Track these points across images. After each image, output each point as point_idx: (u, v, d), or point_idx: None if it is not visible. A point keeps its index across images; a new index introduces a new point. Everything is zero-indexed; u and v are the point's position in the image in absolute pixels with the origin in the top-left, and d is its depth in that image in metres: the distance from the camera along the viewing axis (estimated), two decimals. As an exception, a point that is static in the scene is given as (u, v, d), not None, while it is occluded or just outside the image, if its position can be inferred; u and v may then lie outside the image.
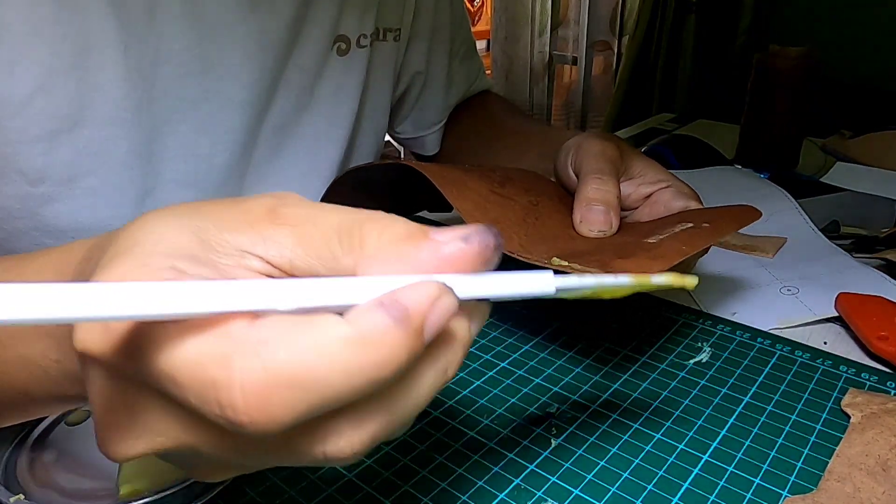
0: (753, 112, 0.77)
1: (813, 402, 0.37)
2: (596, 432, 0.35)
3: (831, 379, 0.39)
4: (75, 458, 0.32)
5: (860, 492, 0.30)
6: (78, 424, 0.34)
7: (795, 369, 0.40)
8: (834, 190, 0.68)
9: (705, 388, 0.39)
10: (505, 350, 0.42)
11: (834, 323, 0.45)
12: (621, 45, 2.14)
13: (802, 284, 0.50)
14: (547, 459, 0.33)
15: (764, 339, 0.43)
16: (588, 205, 0.40)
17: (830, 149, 0.83)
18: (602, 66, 2.27)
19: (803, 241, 0.57)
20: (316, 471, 0.32)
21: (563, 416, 0.36)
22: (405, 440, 0.35)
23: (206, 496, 0.31)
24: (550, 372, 0.40)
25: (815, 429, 0.35)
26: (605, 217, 0.40)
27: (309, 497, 0.31)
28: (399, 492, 0.31)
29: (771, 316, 0.46)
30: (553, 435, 0.35)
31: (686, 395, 0.38)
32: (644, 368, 0.40)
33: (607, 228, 0.40)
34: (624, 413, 0.37)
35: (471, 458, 0.33)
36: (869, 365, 0.41)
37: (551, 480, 0.32)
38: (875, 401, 0.36)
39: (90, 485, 0.31)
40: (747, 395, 0.38)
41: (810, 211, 0.61)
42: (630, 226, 0.43)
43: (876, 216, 0.62)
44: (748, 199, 0.65)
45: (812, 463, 0.33)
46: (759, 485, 0.32)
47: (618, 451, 0.34)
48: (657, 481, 0.32)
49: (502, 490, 0.31)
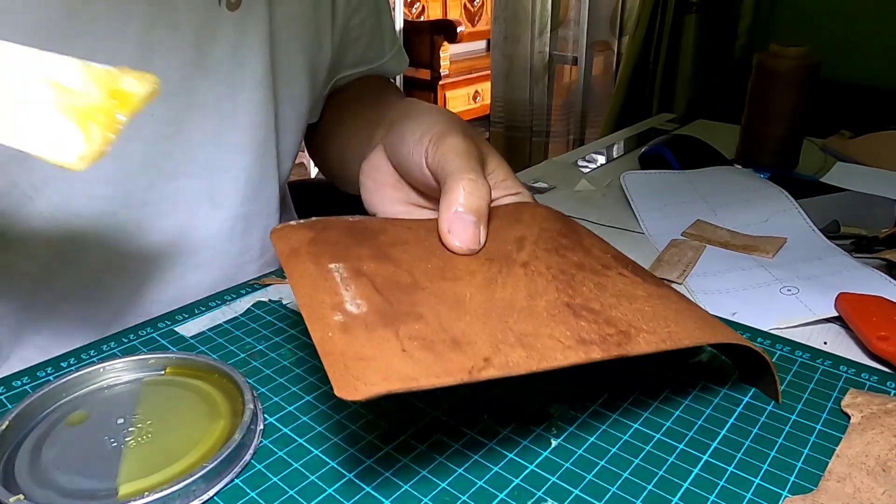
0: (753, 112, 0.77)
1: (813, 402, 0.37)
2: (596, 432, 0.35)
3: (831, 379, 0.39)
4: (75, 458, 0.32)
5: (860, 492, 0.30)
6: (78, 424, 0.34)
7: (795, 369, 0.40)
8: (834, 190, 0.68)
9: (705, 387, 0.39)
10: (505, 350, 0.42)
11: (834, 323, 0.45)
12: (621, 45, 2.14)
13: (802, 284, 0.50)
14: (547, 459, 0.33)
15: (764, 339, 0.43)
16: (457, 211, 0.35)
17: (830, 149, 0.83)
18: (602, 66, 2.27)
19: (803, 241, 0.57)
20: (316, 470, 0.33)
21: (563, 416, 0.36)
22: (405, 440, 0.35)
23: (206, 496, 0.31)
24: (550, 372, 0.40)
25: (815, 429, 0.35)
26: (473, 231, 0.35)
27: (309, 497, 0.31)
28: (399, 492, 0.31)
29: (771, 316, 0.46)
30: (553, 435, 0.35)
31: (686, 395, 0.38)
32: (644, 368, 0.40)
33: (475, 247, 0.36)
34: (624, 413, 0.37)
35: (471, 458, 0.33)
36: (869, 365, 0.41)
37: (551, 480, 0.32)
38: (875, 401, 0.36)
39: (90, 485, 0.31)
40: (747, 394, 0.38)
41: (810, 211, 0.61)
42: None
43: (876, 216, 0.62)
44: (748, 199, 0.65)
45: (812, 463, 0.33)
46: (759, 485, 0.32)
47: (618, 451, 0.34)
48: (657, 481, 0.32)
49: (502, 490, 0.31)
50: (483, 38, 3.21)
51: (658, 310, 0.34)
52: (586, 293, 0.34)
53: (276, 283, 0.50)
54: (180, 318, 0.45)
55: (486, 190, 0.36)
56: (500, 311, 0.32)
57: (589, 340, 0.31)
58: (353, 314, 0.30)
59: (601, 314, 0.33)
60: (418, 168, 0.39)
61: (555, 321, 0.32)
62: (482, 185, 0.36)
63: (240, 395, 0.35)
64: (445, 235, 0.36)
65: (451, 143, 0.37)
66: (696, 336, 0.34)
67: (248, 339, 0.43)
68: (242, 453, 0.33)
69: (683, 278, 0.52)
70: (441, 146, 0.37)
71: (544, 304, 0.33)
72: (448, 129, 0.38)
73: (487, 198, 0.36)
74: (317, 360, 0.41)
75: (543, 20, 2.27)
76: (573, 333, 0.31)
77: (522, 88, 2.35)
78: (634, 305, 0.34)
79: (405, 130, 0.40)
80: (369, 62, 0.66)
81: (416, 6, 3.06)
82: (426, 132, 0.38)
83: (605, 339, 0.31)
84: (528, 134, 2.39)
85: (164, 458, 0.32)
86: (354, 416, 0.36)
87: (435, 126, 0.39)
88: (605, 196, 0.72)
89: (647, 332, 0.33)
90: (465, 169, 0.36)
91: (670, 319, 0.34)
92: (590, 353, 0.31)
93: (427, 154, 0.38)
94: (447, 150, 0.37)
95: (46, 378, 0.39)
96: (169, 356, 0.39)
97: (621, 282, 0.36)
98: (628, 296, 0.35)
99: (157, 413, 0.35)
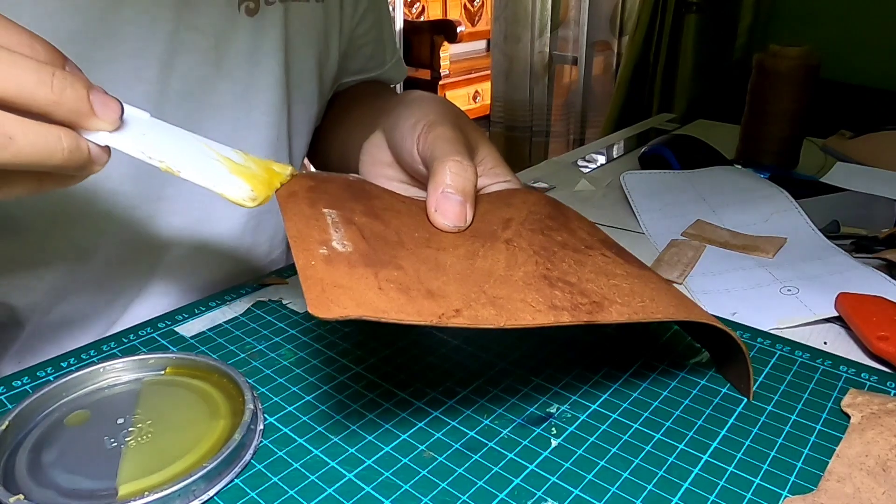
0: (753, 112, 0.77)
1: (813, 402, 0.37)
2: (596, 432, 0.35)
3: (831, 379, 0.39)
4: (75, 458, 0.32)
5: (860, 492, 0.30)
6: (78, 425, 0.34)
7: (795, 369, 0.40)
8: (834, 190, 0.68)
9: (705, 388, 0.39)
10: (505, 350, 0.42)
11: (834, 323, 0.45)
12: (621, 45, 2.14)
13: (802, 284, 0.50)
14: (547, 459, 0.33)
15: (764, 339, 0.43)
16: (444, 192, 0.37)
17: (830, 149, 0.83)
18: (602, 66, 2.27)
19: (803, 241, 0.57)
20: (316, 470, 0.33)
21: (563, 416, 0.36)
22: (405, 440, 0.35)
23: (206, 496, 0.31)
24: (550, 372, 0.40)
25: (815, 429, 0.35)
26: (460, 209, 0.37)
27: (309, 497, 0.31)
28: (399, 492, 0.31)
29: (771, 316, 0.46)
30: (553, 435, 0.35)
31: (686, 395, 0.38)
32: (644, 368, 0.40)
33: (462, 224, 0.37)
34: (624, 413, 0.37)
35: (471, 458, 0.33)
36: (869, 365, 0.41)
37: (551, 480, 0.32)
38: (875, 401, 0.36)
39: (90, 485, 0.31)
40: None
41: (810, 211, 0.61)
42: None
43: (876, 216, 0.62)
44: (748, 199, 0.65)
45: (812, 463, 0.33)
46: (759, 485, 0.32)
47: (618, 451, 0.34)
48: (657, 481, 0.32)
49: (502, 490, 0.31)
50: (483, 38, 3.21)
51: (635, 287, 0.35)
52: (565, 268, 0.35)
53: (276, 283, 0.50)
54: (180, 318, 0.45)
55: (472, 171, 0.38)
56: (477, 277, 0.33)
57: (560, 307, 0.32)
58: (337, 251, 0.32)
59: (576, 286, 0.34)
60: (409, 154, 0.40)
61: (529, 289, 0.33)
62: (468, 166, 0.37)
63: (240, 395, 0.35)
64: (433, 214, 0.37)
65: (440, 132, 0.39)
66: (669, 312, 0.34)
67: (248, 339, 0.43)
68: (242, 453, 0.33)
69: (683, 278, 0.52)
70: (430, 134, 0.39)
71: (521, 275, 0.34)
72: (440, 118, 0.40)
73: (473, 179, 0.38)
74: (317, 360, 0.41)
75: (543, 20, 2.27)
76: (545, 300, 0.32)
77: (522, 88, 2.35)
78: (611, 281, 0.35)
79: (401, 116, 0.42)
80: (371, 70, 0.69)
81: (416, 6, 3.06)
82: (419, 120, 0.40)
83: (577, 306, 0.32)
84: (528, 134, 2.39)
85: (164, 458, 0.32)
86: (354, 416, 0.36)
87: (428, 115, 0.40)
88: (605, 196, 0.72)
89: (620, 304, 0.33)
90: (452, 152, 0.37)
91: (646, 296, 0.35)
92: (559, 317, 0.32)
93: (418, 142, 0.39)
94: (435, 138, 0.39)
95: (46, 378, 0.39)
96: (169, 356, 0.39)
97: (602, 261, 0.37)
98: (607, 273, 0.36)
99: (157, 413, 0.35)
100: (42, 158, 0.28)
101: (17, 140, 0.27)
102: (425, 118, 0.40)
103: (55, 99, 0.28)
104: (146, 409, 0.35)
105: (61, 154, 0.28)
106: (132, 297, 0.53)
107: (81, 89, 0.29)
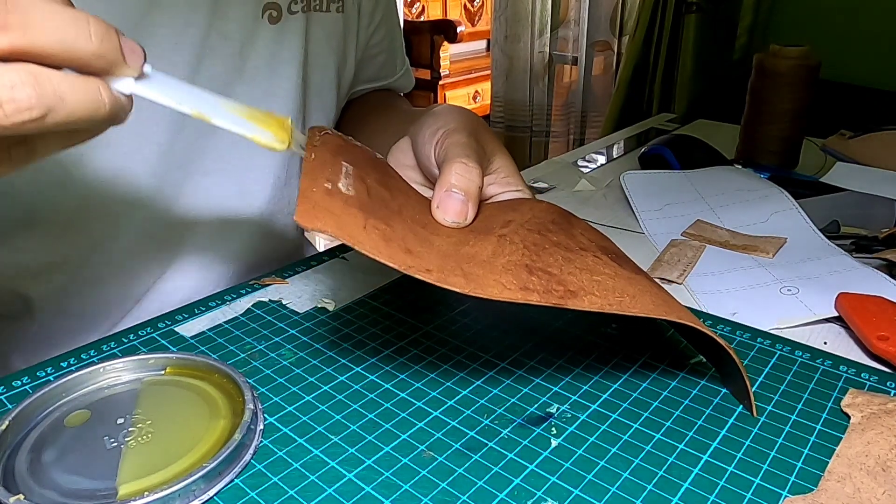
0: (753, 112, 0.77)
1: (813, 402, 0.37)
2: (596, 432, 0.35)
3: (831, 379, 0.39)
4: (75, 458, 0.32)
5: (860, 492, 0.30)
6: (78, 425, 0.34)
7: (795, 369, 0.40)
8: (834, 190, 0.68)
9: (705, 388, 0.39)
10: (505, 350, 0.42)
11: (834, 323, 0.45)
12: (621, 45, 2.14)
13: (802, 284, 0.50)
14: (547, 459, 0.33)
15: (764, 339, 0.43)
16: (448, 190, 0.39)
17: (830, 149, 0.83)
18: (602, 66, 2.26)
19: (803, 241, 0.57)
20: (316, 470, 0.33)
21: (563, 416, 0.36)
22: (405, 440, 0.35)
23: (206, 496, 0.31)
24: (550, 372, 0.40)
25: (815, 429, 0.35)
26: (461, 207, 0.38)
27: (309, 497, 0.31)
28: (399, 492, 0.31)
29: (771, 316, 0.46)
30: (553, 435, 0.35)
31: (686, 395, 0.38)
32: (644, 368, 0.40)
33: (461, 220, 0.39)
34: (624, 413, 0.37)
35: (471, 458, 0.33)
36: (869, 365, 0.41)
37: (551, 480, 0.32)
38: (875, 401, 0.36)
39: (90, 485, 0.31)
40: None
41: (810, 211, 0.61)
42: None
43: (876, 216, 0.62)
44: (748, 199, 0.65)
45: (812, 463, 0.33)
46: (759, 485, 0.32)
47: (618, 451, 0.34)
48: (657, 481, 0.32)
49: (502, 490, 0.31)
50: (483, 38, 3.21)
51: (618, 285, 0.35)
52: (550, 262, 0.36)
53: (276, 283, 0.50)
54: (180, 318, 0.45)
55: (477, 173, 0.39)
56: (459, 258, 0.35)
57: (532, 289, 0.33)
58: (340, 191, 0.34)
59: (556, 276, 0.34)
60: (427, 158, 0.42)
61: (506, 273, 0.34)
62: (473, 168, 0.39)
63: (240, 395, 0.35)
64: (435, 210, 0.39)
65: (456, 138, 0.41)
66: (647, 309, 0.34)
67: (248, 339, 0.43)
68: (242, 453, 0.33)
69: (683, 278, 0.52)
70: (447, 140, 0.41)
71: (503, 262, 0.35)
72: (459, 126, 0.42)
73: (477, 181, 0.39)
74: (317, 360, 0.41)
75: (543, 20, 2.27)
76: (519, 283, 0.33)
77: (522, 88, 2.35)
78: (594, 278, 0.35)
79: (424, 124, 0.44)
80: (383, 79, 0.71)
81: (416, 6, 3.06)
82: (440, 128, 0.42)
83: (549, 291, 0.33)
84: (528, 134, 2.39)
85: (164, 458, 0.32)
86: (354, 416, 0.36)
87: (449, 124, 0.42)
88: (605, 196, 0.72)
89: (596, 296, 0.34)
90: (461, 155, 0.39)
91: (626, 293, 0.35)
92: (528, 297, 0.32)
93: (436, 147, 0.42)
94: (450, 144, 0.41)
95: (46, 378, 0.39)
96: (169, 356, 0.39)
97: (592, 261, 0.37)
98: (592, 271, 0.36)
99: (157, 413, 0.35)
100: (90, 114, 0.26)
101: (67, 100, 0.25)
102: (445, 126, 0.42)
103: (94, 50, 0.25)
104: (146, 409, 0.35)
105: (104, 109, 0.26)
106: (145, 291, 0.54)
107: (115, 37, 0.26)
